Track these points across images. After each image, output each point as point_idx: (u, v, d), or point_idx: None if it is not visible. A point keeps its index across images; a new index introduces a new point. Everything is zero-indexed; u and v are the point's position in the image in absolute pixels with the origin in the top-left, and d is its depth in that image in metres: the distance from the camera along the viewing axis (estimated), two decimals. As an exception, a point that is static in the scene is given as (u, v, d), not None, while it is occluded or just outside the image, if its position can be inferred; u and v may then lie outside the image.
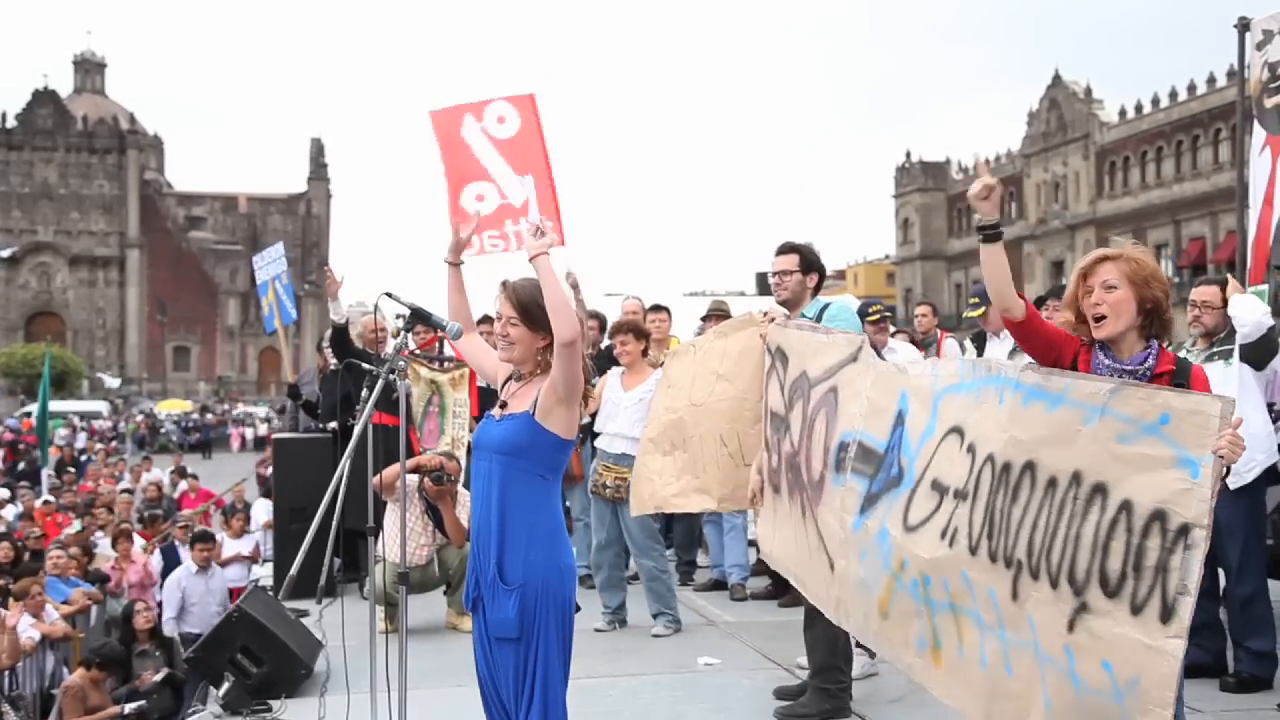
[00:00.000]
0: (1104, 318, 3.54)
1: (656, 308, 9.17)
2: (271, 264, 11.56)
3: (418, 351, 8.99)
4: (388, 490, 6.91)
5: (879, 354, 5.12)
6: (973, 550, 3.64)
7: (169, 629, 10.75)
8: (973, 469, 3.68)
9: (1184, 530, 3.02)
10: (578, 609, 3.94)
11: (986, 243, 3.58)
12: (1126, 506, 3.15)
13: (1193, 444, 3.04)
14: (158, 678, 9.54)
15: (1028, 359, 3.84)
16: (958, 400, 3.93)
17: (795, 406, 5.08)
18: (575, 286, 8.51)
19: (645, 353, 7.42)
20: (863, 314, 8.25)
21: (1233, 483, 5.53)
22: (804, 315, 5.40)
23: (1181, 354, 5.85)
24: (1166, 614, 3.02)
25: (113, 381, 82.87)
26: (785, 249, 5.58)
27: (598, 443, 7.40)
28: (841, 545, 4.55)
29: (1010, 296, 3.55)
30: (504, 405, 3.91)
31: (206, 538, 11.68)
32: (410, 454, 7.35)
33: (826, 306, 5.49)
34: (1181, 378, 3.52)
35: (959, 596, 3.77)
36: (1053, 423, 3.39)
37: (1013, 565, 3.48)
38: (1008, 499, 3.50)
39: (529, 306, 3.81)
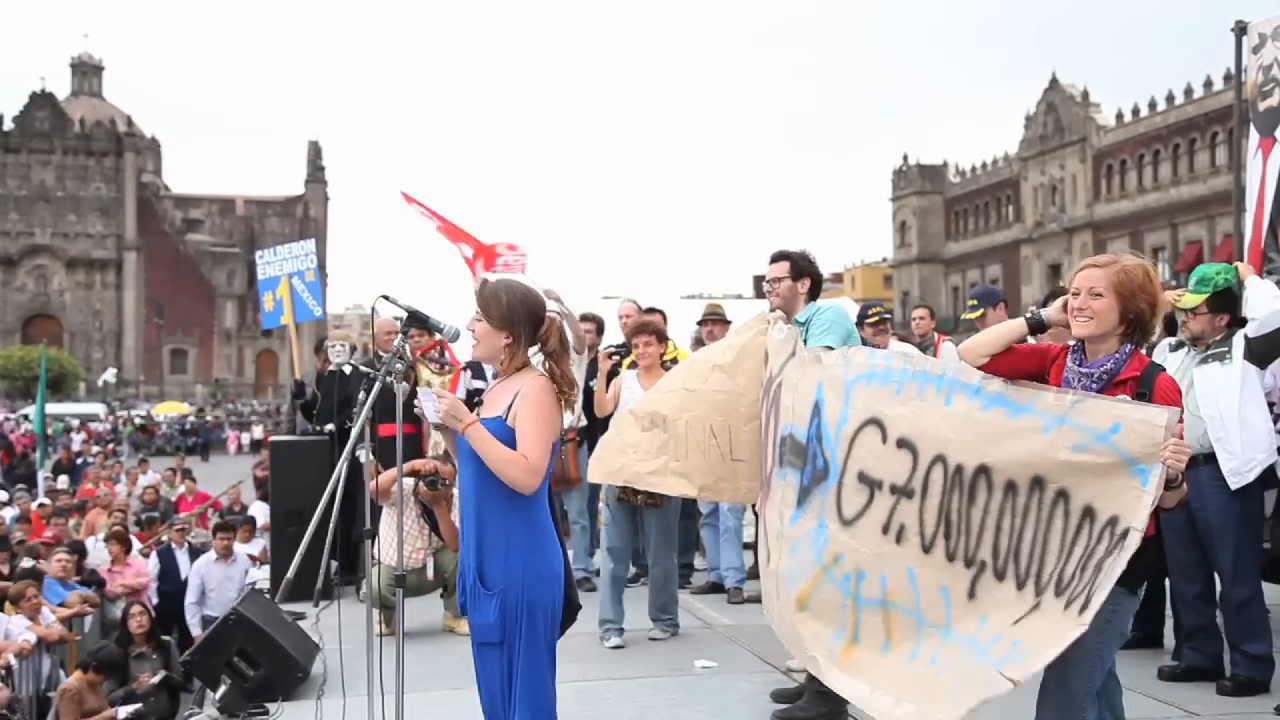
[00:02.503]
0: (1086, 320, 3.59)
1: (652, 311, 9.15)
2: (293, 259, 11.45)
3: (418, 355, 8.96)
4: (384, 495, 6.92)
5: None
6: (926, 549, 3.68)
7: (190, 614, 11.15)
8: (916, 467, 3.73)
9: (1125, 534, 3.17)
10: (579, 608, 3.94)
11: (1029, 330, 3.72)
12: (1089, 513, 3.28)
13: (1141, 452, 3.18)
14: (154, 680, 9.52)
15: None
16: (870, 391, 3.99)
17: (765, 406, 5.14)
18: (558, 299, 8.37)
19: (663, 356, 7.32)
20: (863, 316, 8.25)
21: (1234, 483, 5.52)
22: (797, 321, 5.42)
23: (1181, 354, 5.84)
24: (1085, 605, 3.19)
25: (109, 376, 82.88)
26: (777, 257, 5.66)
27: None
28: (778, 539, 4.56)
29: (980, 358, 3.69)
30: (481, 404, 3.91)
31: (227, 527, 12.08)
32: (411, 457, 7.35)
33: (818, 310, 5.51)
34: (1145, 385, 3.50)
35: (896, 594, 3.78)
36: (1012, 429, 3.47)
37: (974, 565, 3.54)
38: (964, 500, 3.57)
39: (489, 305, 3.82)
